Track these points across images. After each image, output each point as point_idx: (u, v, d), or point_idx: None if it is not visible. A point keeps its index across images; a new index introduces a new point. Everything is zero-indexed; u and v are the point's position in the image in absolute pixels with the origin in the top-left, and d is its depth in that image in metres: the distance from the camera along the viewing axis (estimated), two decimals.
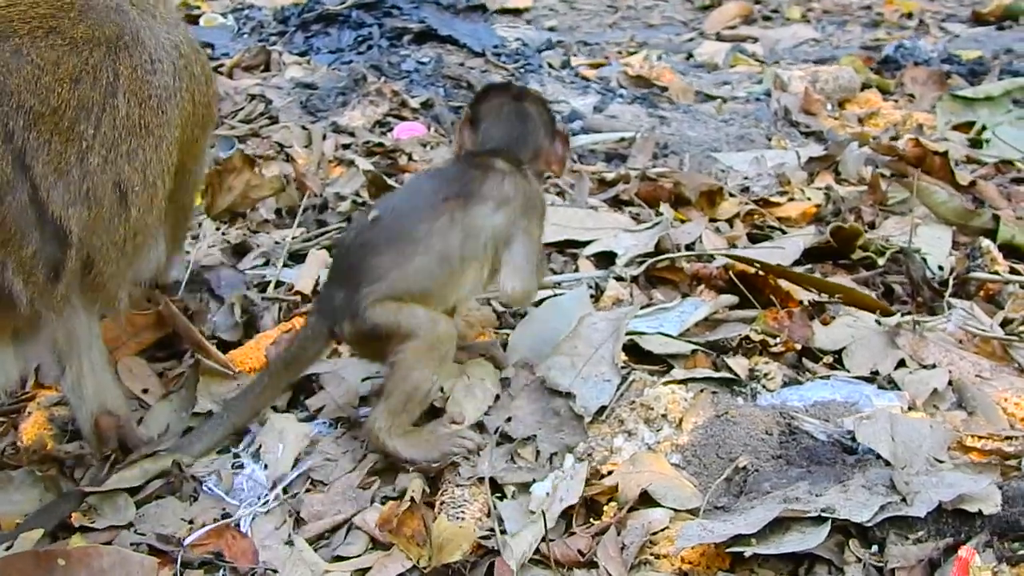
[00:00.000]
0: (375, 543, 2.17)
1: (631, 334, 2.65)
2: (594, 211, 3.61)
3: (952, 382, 2.52)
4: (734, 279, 2.96)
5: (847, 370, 2.60)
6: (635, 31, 7.32)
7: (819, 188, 3.84)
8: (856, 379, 2.54)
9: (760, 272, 2.95)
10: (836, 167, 4.04)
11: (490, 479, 2.25)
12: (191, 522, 2.23)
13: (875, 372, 2.58)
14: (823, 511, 1.97)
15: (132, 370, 2.73)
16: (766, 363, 2.58)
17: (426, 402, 2.41)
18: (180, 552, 2.11)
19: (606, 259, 3.23)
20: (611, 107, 5.00)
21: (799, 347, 2.67)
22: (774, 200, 3.75)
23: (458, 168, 2.59)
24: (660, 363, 2.62)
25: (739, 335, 2.67)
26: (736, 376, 2.53)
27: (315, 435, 2.48)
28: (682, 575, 2.00)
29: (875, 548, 1.96)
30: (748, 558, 1.94)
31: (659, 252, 3.19)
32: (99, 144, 2.13)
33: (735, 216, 3.62)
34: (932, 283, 2.99)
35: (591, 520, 2.16)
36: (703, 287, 3.00)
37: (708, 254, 3.14)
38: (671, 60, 6.16)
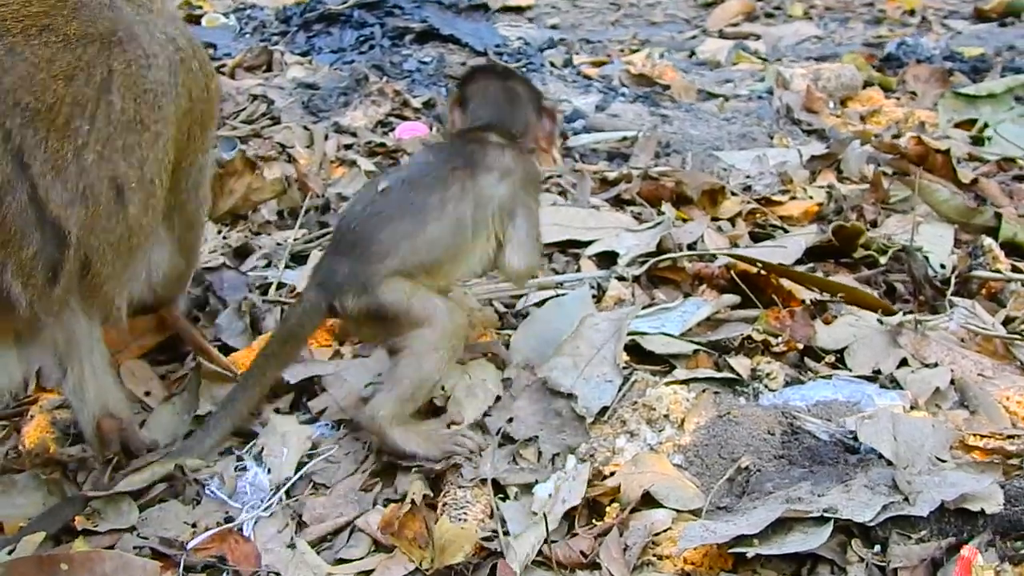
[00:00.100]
0: (377, 545, 2.17)
1: (633, 334, 2.65)
2: (596, 210, 3.61)
3: (954, 381, 2.52)
4: (736, 279, 2.96)
5: (849, 369, 2.61)
6: (637, 29, 7.32)
7: (821, 186, 3.84)
8: (858, 378, 2.53)
9: (762, 271, 2.95)
10: (838, 165, 4.04)
11: (492, 480, 2.25)
12: (194, 526, 2.23)
13: (877, 371, 2.58)
14: (825, 511, 1.97)
15: (134, 373, 2.74)
16: (768, 363, 2.58)
17: (431, 393, 2.42)
18: (183, 556, 2.11)
19: (608, 259, 3.23)
20: (613, 106, 4.99)
21: (801, 346, 2.67)
22: (776, 199, 3.74)
23: (457, 142, 2.61)
24: (662, 363, 2.62)
25: (741, 335, 2.67)
26: (738, 376, 2.53)
27: (317, 437, 2.48)
28: None
29: (877, 548, 1.96)
30: (751, 559, 1.95)
31: (661, 252, 3.19)
32: (94, 140, 2.11)
33: (737, 215, 3.62)
34: (934, 282, 2.99)
35: (593, 521, 2.16)
36: (705, 287, 3.00)
37: (710, 253, 3.14)
38: (673, 58, 6.15)
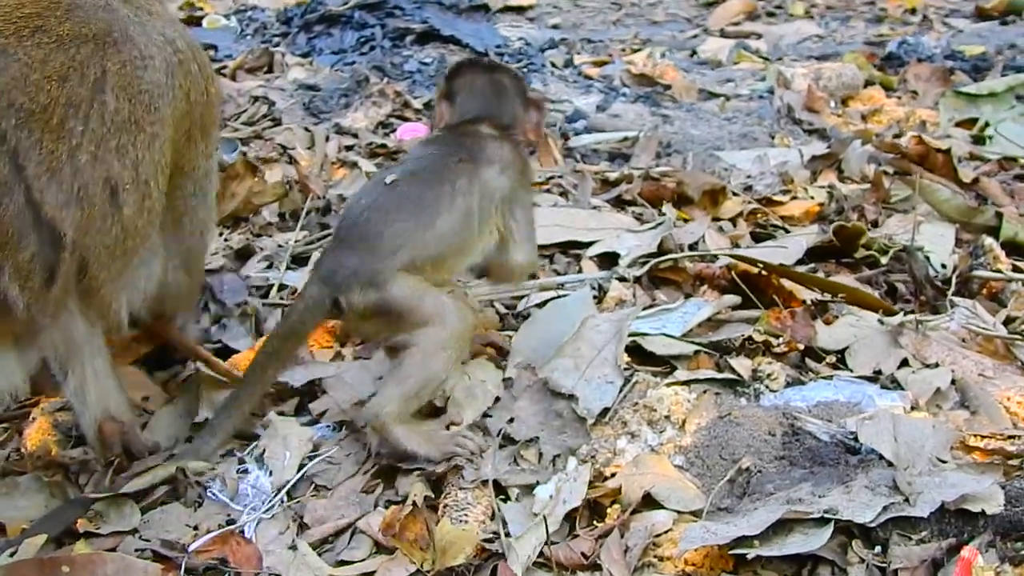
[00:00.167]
0: (379, 547, 2.17)
1: (634, 335, 2.65)
2: (597, 211, 3.62)
3: (955, 381, 2.52)
4: (736, 279, 2.96)
5: (850, 370, 2.61)
6: (639, 28, 7.32)
7: (822, 186, 3.84)
8: (859, 379, 2.54)
9: (763, 272, 2.95)
10: (839, 165, 4.04)
11: (493, 481, 2.25)
12: (195, 528, 2.23)
13: (878, 372, 2.58)
14: (826, 512, 1.97)
15: (130, 379, 2.72)
16: (769, 363, 2.58)
17: (435, 393, 2.42)
18: (184, 558, 2.11)
19: (609, 260, 3.24)
20: (614, 106, 4.99)
21: (802, 347, 2.67)
22: (777, 199, 3.74)
23: (452, 136, 2.61)
24: (663, 364, 2.62)
25: (742, 335, 2.67)
26: (739, 377, 2.53)
27: (319, 439, 2.49)
28: None
29: (878, 549, 1.96)
30: (751, 560, 1.95)
31: (662, 252, 3.19)
32: (88, 141, 2.10)
33: (738, 215, 3.62)
34: (935, 281, 2.99)
35: (594, 522, 2.16)
36: (706, 287, 3.01)
37: (711, 254, 3.14)
38: (675, 57, 6.15)
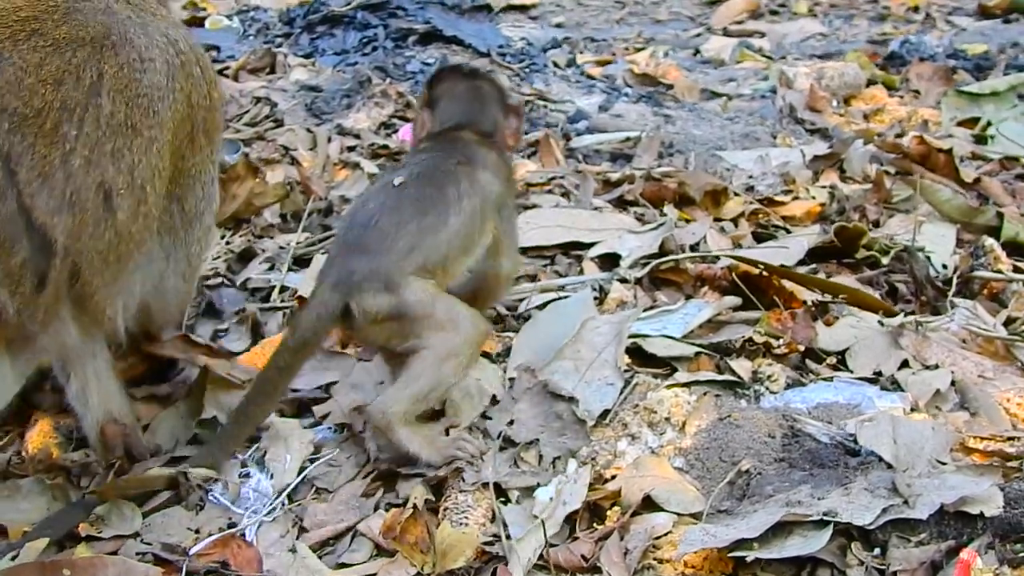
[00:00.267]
0: (379, 550, 2.18)
1: (635, 337, 2.66)
2: (599, 212, 3.62)
3: (955, 383, 2.52)
4: (737, 280, 2.96)
5: (851, 371, 2.61)
6: (642, 27, 7.31)
7: (824, 187, 3.83)
8: (859, 380, 2.54)
9: (764, 273, 2.95)
10: (841, 165, 4.04)
11: (494, 484, 2.25)
12: (197, 531, 2.24)
13: (878, 373, 2.58)
14: (825, 514, 1.97)
15: None
16: (769, 365, 2.58)
17: (442, 397, 2.43)
18: (185, 561, 2.11)
19: (610, 261, 3.24)
20: (616, 106, 4.98)
21: (802, 348, 2.67)
22: (779, 199, 3.74)
23: (440, 142, 2.63)
24: (664, 366, 2.63)
25: (742, 337, 2.67)
26: (739, 378, 2.53)
27: (320, 441, 2.49)
28: None
29: (877, 551, 1.97)
30: (750, 562, 1.95)
31: (663, 253, 3.19)
32: (81, 145, 2.07)
33: (740, 216, 3.62)
34: (936, 282, 2.98)
35: (594, 525, 2.17)
36: (707, 288, 3.00)
37: (712, 255, 3.14)
38: (677, 56, 6.15)
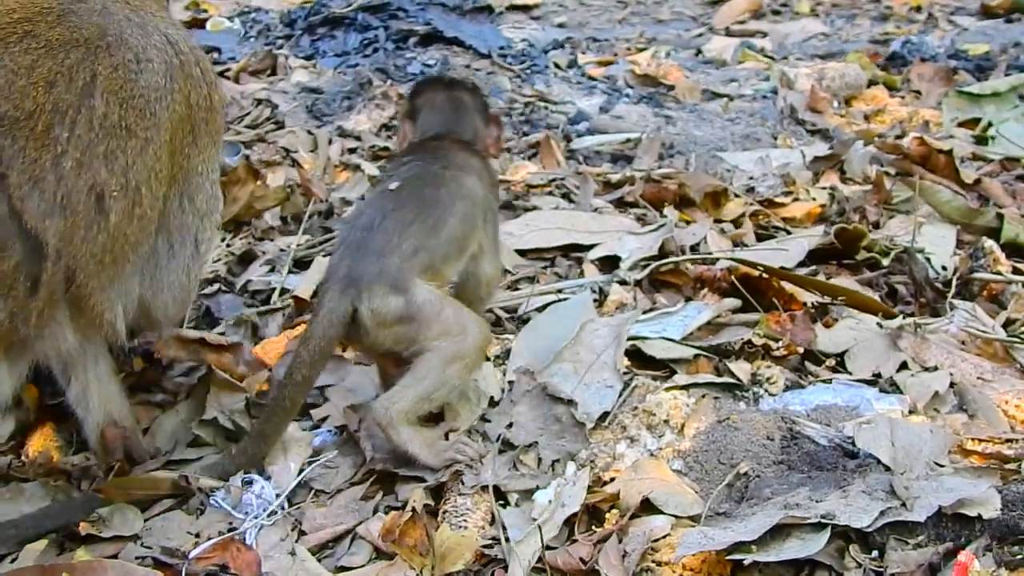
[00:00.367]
0: (378, 553, 2.18)
1: (634, 339, 2.66)
2: (599, 214, 3.62)
3: (953, 385, 2.53)
4: (736, 283, 2.96)
5: (850, 373, 2.61)
6: (645, 27, 7.31)
7: (824, 188, 3.84)
8: (858, 382, 2.54)
9: (763, 275, 2.95)
10: (841, 166, 4.04)
11: (493, 487, 2.25)
12: (197, 535, 2.24)
13: (877, 375, 2.59)
14: (823, 517, 1.98)
15: None
16: (768, 367, 2.59)
17: (445, 399, 2.43)
18: (184, 565, 2.11)
19: (610, 263, 3.24)
20: (617, 107, 4.99)
21: (801, 350, 2.68)
22: (779, 200, 3.74)
23: (424, 150, 2.65)
24: (663, 368, 2.63)
25: (742, 339, 2.68)
26: (738, 381, 2.54)
27: (319, 444, 2.49)
28: None
29: (875, 553, 1.97)
30: (748, 565, 1.95)
31: (663, 255, 3.20)
32: (73, 147, 2.05)
33: (740, 217, 3.62)
34: (935, 284, 2.98)
35: (593, 527, 2.17)
36: (706, 290, 3.00)
37: (712, 257, 3.14)
38: (679, 57, 6.16)
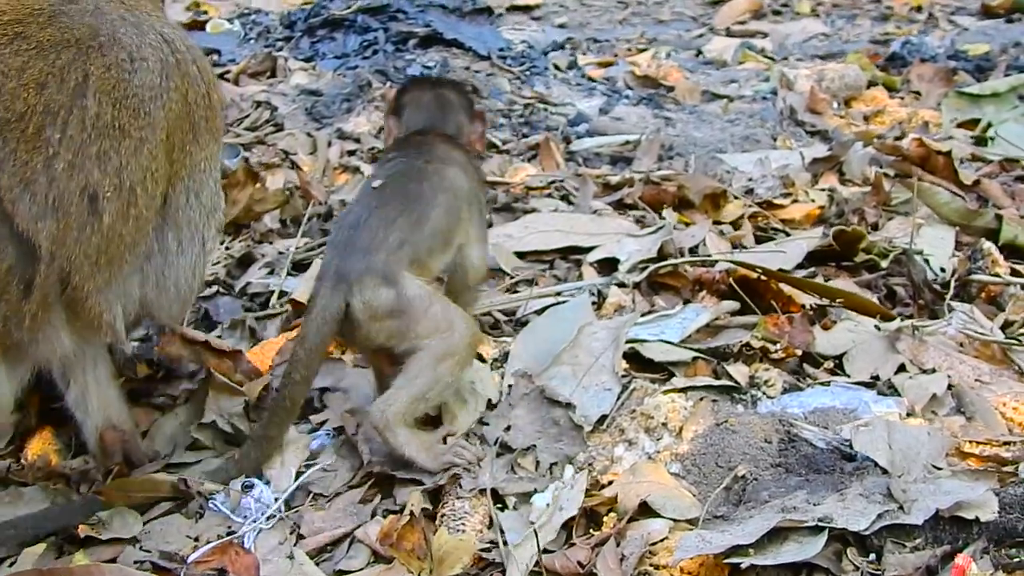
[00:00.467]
0: (376, 556, 2.18)
1: (632, 342, 2.66)
2: (598, 216, 3.63)
3: (951, 387, 2.52)
4: (735, 285, 2.96)
5: (848, 375, 2.61)
6: (645, 27, 7.29)
7: (823, 189, 3.83)
8: (856, 385, 2.54)
9: (762, 277, 2.95)
10: (840, 167, 4.04)
11: (491, 490, 2.26)
12: (196, 539, 2.24)
13: (875, 377, 2.58)
14: (821, 520, 1.97)
15: None
16: (766, 370, 2.59)
17: (441, 398, 2.43)
18: (183, 569, 2.12)
19: (609, 265, 3.24)
20: (617, 108, 4.99)
21: (800, 353, 2.68)
22: (778, 202, 3.74)
23: (407, 146, 2.66)
24: (661, 371, 2.63)
25: (740, 342, 2.68)
26: (736, 383, 2.54)
27: (317, 448, 2.50)
28: None
29: (872, 556, 1.97)
30: (746, 568, 1.94)
31: (662, 257, 3.20)
32: (65, 149, 2.02)
33: (739, 219, 3.62)
34: (933, 285, 2.98)
35: (591, 531, 2.17)
36: (705, 292, 3.00)
37: (711, 259, 3.14)
38: (680, 57, 6.15)
